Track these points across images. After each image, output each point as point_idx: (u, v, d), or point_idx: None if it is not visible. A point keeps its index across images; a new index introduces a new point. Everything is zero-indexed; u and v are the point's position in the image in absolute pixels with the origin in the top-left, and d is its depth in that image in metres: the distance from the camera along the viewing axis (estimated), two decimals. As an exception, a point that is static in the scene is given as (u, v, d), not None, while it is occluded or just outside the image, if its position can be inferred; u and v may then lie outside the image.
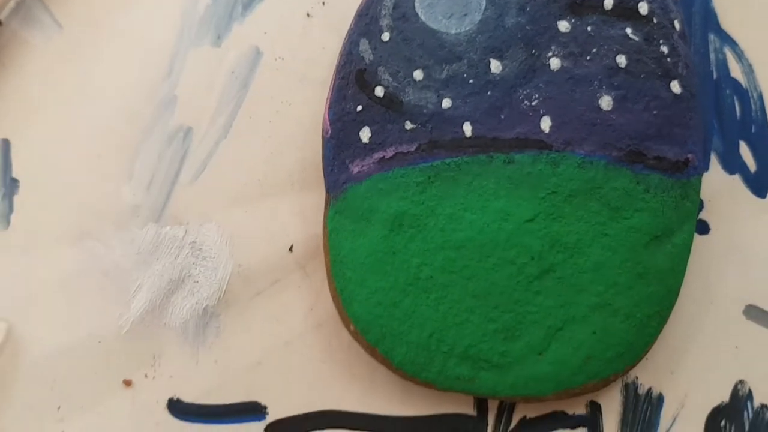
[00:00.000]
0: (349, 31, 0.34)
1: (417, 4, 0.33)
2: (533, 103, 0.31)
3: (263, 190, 0.33)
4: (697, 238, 0.34)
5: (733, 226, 0.34)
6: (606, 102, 0.31)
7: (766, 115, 0.36)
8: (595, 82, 0.31)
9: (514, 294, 0.30)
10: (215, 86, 0.34)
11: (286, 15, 0.36)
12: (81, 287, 0.32)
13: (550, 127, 0.31)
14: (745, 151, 0.35)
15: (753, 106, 0.36)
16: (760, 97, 0.36)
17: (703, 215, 0.34)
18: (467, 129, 0.31)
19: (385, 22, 0.33)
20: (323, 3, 0.36)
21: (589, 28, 0.32)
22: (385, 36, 0.33)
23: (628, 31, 0.32)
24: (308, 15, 0.36)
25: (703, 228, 0.34)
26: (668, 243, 0.31)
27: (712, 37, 0.37)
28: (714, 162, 0.35)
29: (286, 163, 0.33)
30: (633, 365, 0.31)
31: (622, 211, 0.30)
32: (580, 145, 0.31)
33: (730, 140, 0.35)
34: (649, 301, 0.30)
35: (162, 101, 0.34)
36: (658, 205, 0.30)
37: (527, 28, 0.32)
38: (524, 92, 0.31)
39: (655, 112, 0.31)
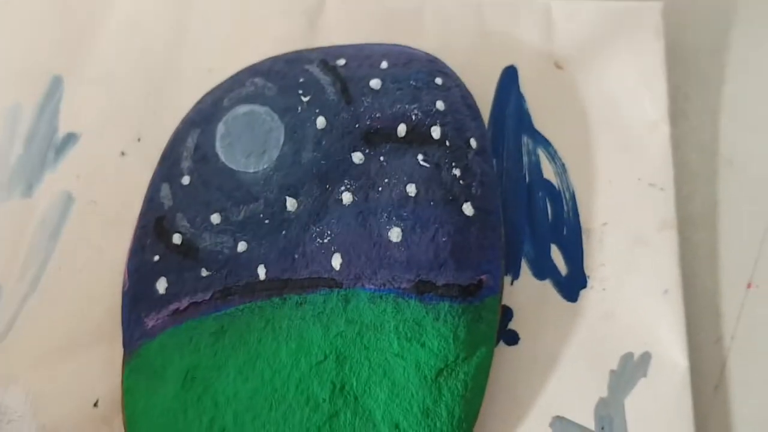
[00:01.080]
0: (153, 175, 0.34)
1: (218, 144, 0.34)
2: (325, 241, 0.32)
3: (70, 344, 0.34)
4: (505, 350, 0.34)
5: (543, 333, 0.35)
6: (395, 234, 0.32)
7: (578, 215, 0.36)
8: (385, 215, 0.32)
9: (307, 440, 0.30)
10: (24, 239, 0.35)
11: (100, 156, 0.37)
12: None
13: (341, 264, 0.31)
14: (556, 255, 0.36)
15: (565, 207, 0.36)
16: (573, 196, 0.37)
17: (512, 325, 0.35)
18: (261, 272, 0.32)
19: (185, 164, 0.34)
20: (138, 140, 0.37)
21: (382, 158, 0.33)
22: (185, 179, 0.33)
23: (420, 158, 0.33)
24: (123, 153, 0.37)
25: (512, 338, 0.34)
26: (460, 371, 0.31)
27: (525, 139, 0.38)
28: (524, 268, 0.36)
29: (95, 314, 0.34)
30: (431, 499, 0.31)
31: (412, 342, 0.31)
32: (369, 280, 0.31)
33: (540, 245, 0.36)
34: (442, 432, 0.31)
35: (-31, 263, 0.35)
36: (448, 332, 0.31)
37: (322, 162, 0.33)
38: (317, 229, 0.32)
39: (444, 238, 0.32)
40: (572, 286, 0.35)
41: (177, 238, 0.32)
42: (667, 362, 0.34)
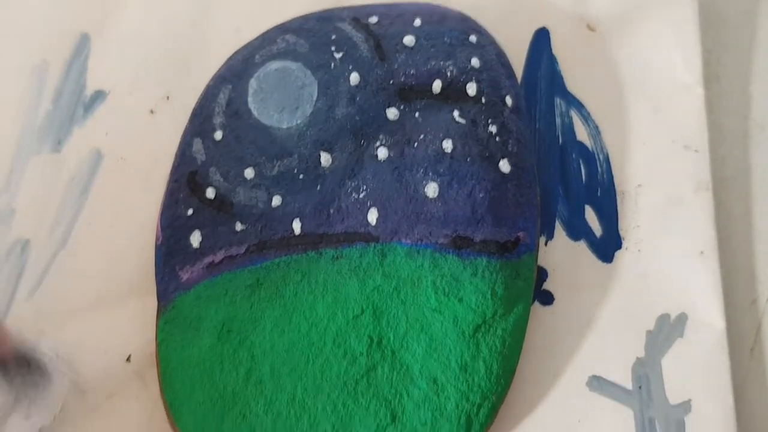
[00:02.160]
0: (184, 131, 0.34)
1: (250, 100, 0.33)
2: (361, 195, 0.32)
3: (101, 299, 0.34)
4: (540, 310, 0.34)
5: (578, 294, 0.34)
6: (432, 189, 0.31)
7: (612, 177, 0.36)
8: (421, 170, 0.32)
9: (343, 393, 0.30)
10: (54, 194, 0.35)
11: (129, 113, 0.36)
12: None
13: (377, 219, 0.31)
14: (590, 216, 0.35)
15: (599, 169, 0.36)
16: (607, 158, 0.36)
17: (546, 285, 0.34)
18: (296, 226, 0.31)
19: (218, 120, 0.33)
20: (167, 98, 0.36)
21: (417, 114, 0.33)
22: (218, 135, 0.33)
23: (456, 114, 0.33)
24: (151, 111, 0.36)
25: (547, 299, 0.34)
26: (499, 326, 0.31)
27: (558, 101, 0.37)
28: (558, 229, 0.35)
29: (125, 269, 0.34)
30: (469, 451, 0.31)
31: (450, 297, 0.31)
32: (406, 234, 0.31)
33: (575, 206, 0.36)
34: (479, 389, 0.31)
35: (-1, 215, 0.34)
36: (486, 288, 0.31)
37: (356, 118, 0.33)
38: (352, 184, 0.32)
39: (481, 195, 0.32)
40: (607, 247, 0.35)
41: (210, 192, 0.32)
42: (704, 323, 0.34)
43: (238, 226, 0.32)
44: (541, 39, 0.38)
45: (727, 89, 0.39)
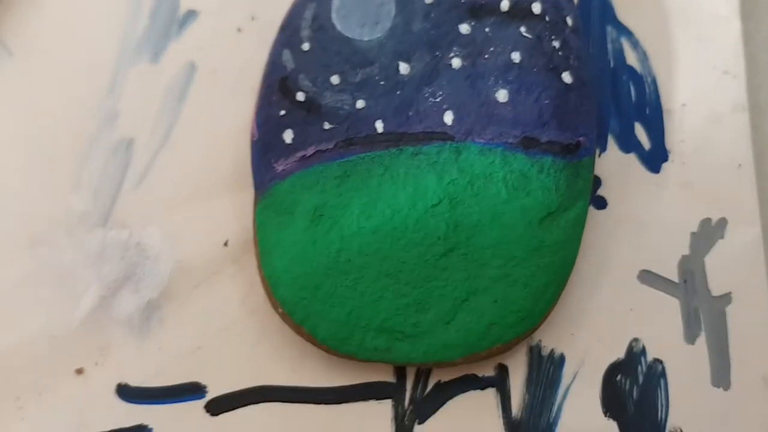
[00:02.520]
0: (273, 43, 0.37)
1: (333, 16, 0.36)
2: (437, 99, 0.35)
3: (200, 192, 0.37)
4: (595, 213, 0.37)
5: (629, 200, 0.37)
6: (502, 95, 0.35)
7: (659, 97, 0.39)
8: (492, 78, 0.35)
9: (423, 271, 0.33)
10: (154, 100, 0.38)
11: (218, 31, 0.39)
12: (34, 288, 0.36)
13: (453, 120, 0.34)
14: (640, 132, 0.39)
15: (647, 89, 0.39)
16: (654, 81, 0.39)
17: (600, 192, 0.37)
18: (379, 126, 0.35)
19: (305, 33, 0.37)
20: (252, 18, 0.40)
21: (487, 30, 0.36)
22: (305, 46, 0.36)
23: (522, 30, 0.36)
24: (239, 30, 0.39)
25: (601, 203, 0.37)
26: (562, 218, 0.34)
27: (609, 28, 0.40)
28: (611, 143, 0.38)
29: (220, 167, 0.37)
30: (533, 329, 0.34)
31: (519, 191, 0.34)
32: (479, 134, 0.34)
33: (625, 122, 0.39)
34: (545, 272, 0.34)
35: (105, 116, 0.38)
36: (551, 185, 0.34)
37: (431, 32, 0.36)
38: (429, 90, 0.35)
39: (546, 101, 0.35)
40: (655, 159, 0.38)
41: (300, 96, 0.35)
42: (741, 227, 0.37)
43: (326, 126, 0.35)
44: (593, -29, 0.41)
45: (761, 26, 0.42)
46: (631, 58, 0.40)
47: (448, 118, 0.34)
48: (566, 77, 0.35)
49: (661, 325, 0.36)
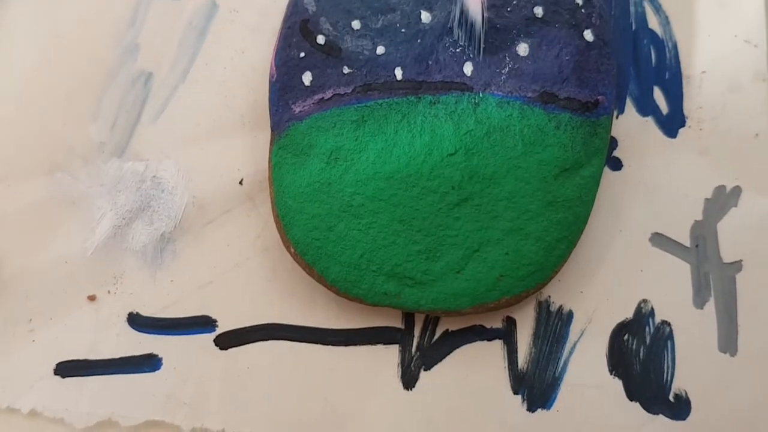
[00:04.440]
0: (296, -15, 0.37)
1: (357, -40, 0.36)
2: (457, 50, 0.35)
3: (217, 130, 0.37)
4: (610, 174, 0.37)
5: (644, 163, 0.37)
6: (523, 48, 0.34)
7: (679, 63, 0.39)
8: (514, 31, 0.35)
9: (436, 219, 0.33)
10: (175, 36, 0.38)
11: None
12: (50, 214, 0.36)
13: (472, 72, 0.34)
14: (658, 96, 0.38)
15: (668, 55, 0.39)
16: (675, 46, 0.39)
17: (616, 153, 0.37)
18: (398, 73, 0.35)
19: (327, -24, 0.36)
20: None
21: (511, -18, 0.36)
22: (327, -11, 0.36)
23: (546, -16, 0.35)
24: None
25: (616, 165, 0.37)
26: (577, 175, 0.34)
27: (632, -8, 0.40)
28: (629, 105, 0.38)
29: (238, 105, 0.37)
30: (543, 283, 0.34)
31: (535, 146, 0.34)
32: (498, 87, 0.34)
33: (644, 86, 0.39)
34: (558, 227, 0.34)
35: (126, 48, 0.38)
36: (567, 141, 0.34)
37: (455, -18, 0.36)
38: (450, 40, 0.35)
39: (567, 57, 0.35)
40: (672, 124, 0.38)
41: (321, 39, 0.35)
42: (755, 196, 0.37)
43: (346, 70, 0.35)
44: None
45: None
46: (653, 22, 0.40)
47: (468, 69, 0.34)
48: (588, 35, 0.35)
49: (671, 288, 0.36)
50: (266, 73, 0.36)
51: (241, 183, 0.36)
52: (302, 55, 0.35)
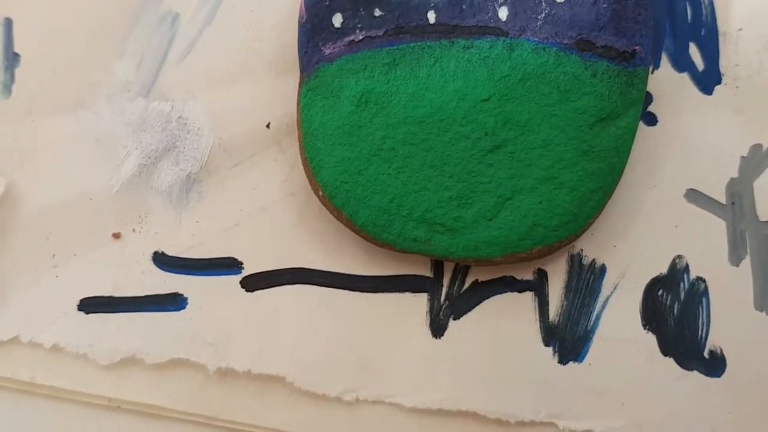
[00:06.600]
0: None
1: None
2: (492, -6, 0.34)
3: (244, 72, 0.36)
4: (645, 129, 0.36)
5: (680, 119, 0.36)
6: (561, -5, 0.34)
7: (715, 19, 0.38)
8: (551, -23, 0.34)
9: (468, 165, 0.33)
10: (201, -23, 0.37)
11: None
12: (75, 151, 0.35)
13: (507, 16, 0.34)
14: (694, 52, 0.38)
15: (704, 11, 0.38)
16: (711, 2, 0.38)
17: (651, 108, 0.37)
18: (431, 16, 0.34)
19: None
20: None
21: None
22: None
23: (584, -64, 0.35)
24: None
25: (652, 120, 0.36)
26: (613, 125, 0.33)
27: (669, -54, 0.39)
28: (665, 60, 0.37)
29: (265, 48, 0.36)
30: (576, 235, 0.33)
31: (571, 93, 0.33)
32: (534, 32, 0.33)
33: (680, 41, 0.38)
34: (593, 177, 0.33)
35: (152, -13, 0.37)
36: (604, 90, 0.33)
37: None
38: (485, -17, 0.34)
39: (605, 5, 0.34)
40: (708, 80, 0.37)
41: (352, -20, 0.34)
42: (793, 153, 0.35)
43: (377, 12, 0.34)
44: None
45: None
46: (691, -23, 0.39)
47: (503, 13, 0.33)
48: (626, -17, 0.34)
49: (706, 245, 0.35)
50: (294, 18, 0.35)
51: (268, 126, 0.35)
52: (333, -4, 0.34)
